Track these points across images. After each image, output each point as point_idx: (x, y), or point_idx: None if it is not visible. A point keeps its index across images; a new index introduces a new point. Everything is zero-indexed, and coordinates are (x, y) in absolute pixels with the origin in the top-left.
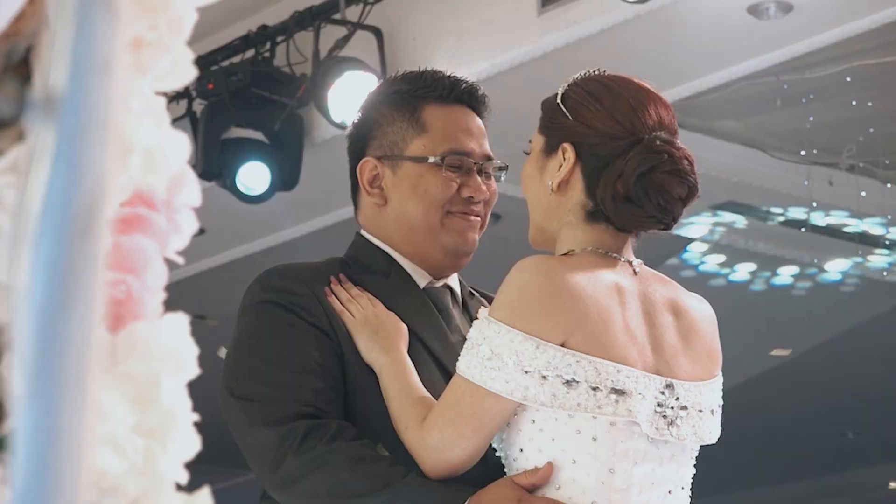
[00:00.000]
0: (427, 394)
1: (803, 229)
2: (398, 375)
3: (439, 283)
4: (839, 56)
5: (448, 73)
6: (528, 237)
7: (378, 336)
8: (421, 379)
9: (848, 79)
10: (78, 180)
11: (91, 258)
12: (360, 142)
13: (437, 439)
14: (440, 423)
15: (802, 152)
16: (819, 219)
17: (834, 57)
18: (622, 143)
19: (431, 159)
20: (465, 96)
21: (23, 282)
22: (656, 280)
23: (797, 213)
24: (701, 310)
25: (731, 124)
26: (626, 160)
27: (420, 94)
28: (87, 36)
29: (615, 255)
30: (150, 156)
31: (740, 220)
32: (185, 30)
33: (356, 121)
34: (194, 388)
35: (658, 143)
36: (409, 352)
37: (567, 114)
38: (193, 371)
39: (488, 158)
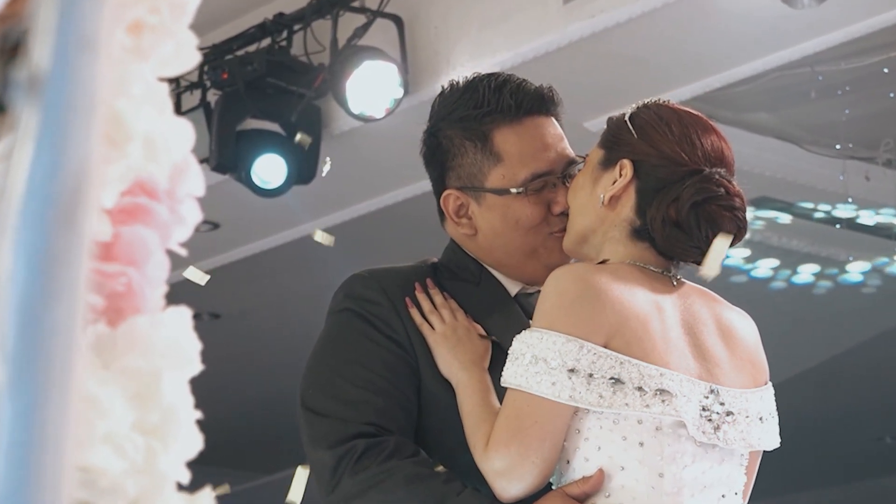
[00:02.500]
0: None
1: (838, 225)
2: (473, 393)
3: (532, 289)
4: (876, 46)
5: (508, 81)
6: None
7: (458, 350)
8: (500, 397)
9: (885, 70)
10: (62, 163)
11: (75, 244)
12: (436, 169)
13: (505, 458)
14: (504, 440)
15: (838, 146)
16: (855, 214)
17: (871, 47)
18: (682, 169)
19: (514, 190)
20: (534, 106)
21: (4, 268)
22: (696, 293)
23: (832, 208)
24: (743, 322)
25: (764, 117)
26: (683, 186)
27: (487, 119)
28: (72, 13)
29: (654, 268)
30: (151, 143)
31: (773, 216)
32: (188, 13)
33: (427, 143)
34: (211, 389)
35: (717, 176)
36: (492, 366)
37: (633, 132)
38: (196, 367)
39: (570, 162)
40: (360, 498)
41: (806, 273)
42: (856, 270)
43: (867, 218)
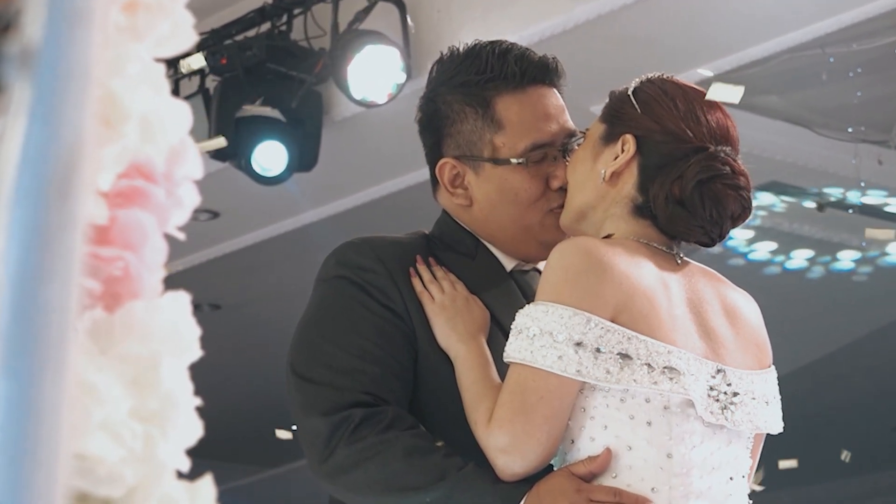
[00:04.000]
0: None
1: (850, 211)
2: (472, 366)
3: (528, 267)
4: (888, 27)
5: (512, 49)
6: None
7: (456, 322)
8: (499, 371)
9: None
10: (55, 137)
11: (70, 219)
12: (433, 136)
13: (509, 434)
14: (508, 416)
15: (850, 129)
16: (867, 199)
17: (883, 28)
18: (687, 146)
19: (514, 160)
20: (538, 75)
21: None
22: (700, 272)
23: (844, 193)
24: (747, 303)
25: (774, 100)
26: (688, 164)
27: (490, 86)
28: None
29: (658, 245)
30: (148, 125)
31: (783, 202)
32: None
33: (424, 109)
34: (211, 381)
35: (723, 155)
36: (488, 341)
37: (637, 106)
38: (195, 353)
39: (571, 135)
40: (356, 469)
41: (819, 260)
42: (866, 258)
43: (880, 202)
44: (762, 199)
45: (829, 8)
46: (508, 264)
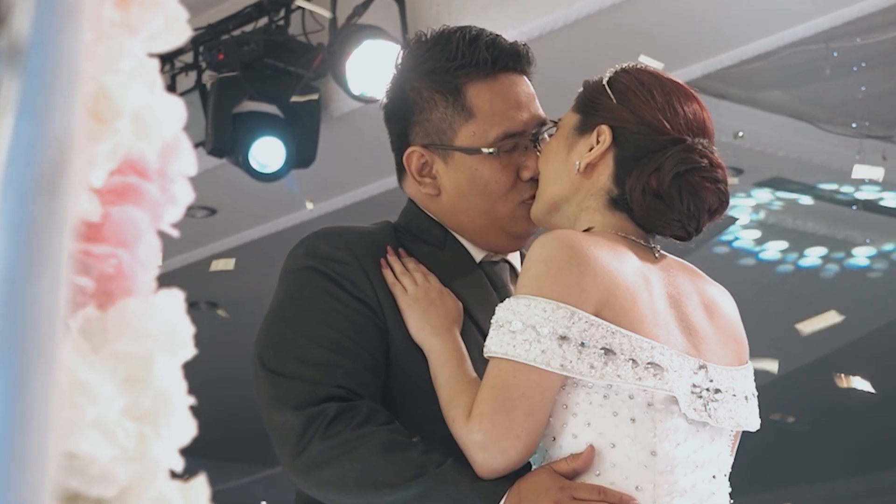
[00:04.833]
0: (479, 382)
1: (854, 207)
2: (448, 360)
3: (497, 258)
4: (893, 21)
5: (482, 35)
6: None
7: (430, 314)
8: (473, 364)
9: None
10: (43, 132)
11: (59, 216)
12: (400, 124)
13: (489, 431)
14: (488, 412)
15: (854, 124)
16: (872, 196)
17: (887, 22)
18: (664, 138)
19: (485, 150)
20: (509, 63)
21: None
22: (678, 266)
23: (848, 189)
24: (724, 298)
25: (777, 95)
26: (665, 156)
27: (461, 73)
28: None
29: (636, 239)
30: (141, 120)
31: (786, 198)
32: None
33: (391, 95)
34: (208, 380)
35: (700, 147)
36: (462, 334)
37: (612, 97)
38: (189, 351)
39: (541, 123)
40: (330, 464)
41: (815, 256)
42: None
43: (885, 199)
44: (768, 194)
45: (832, 2)
46: (478, 255)
